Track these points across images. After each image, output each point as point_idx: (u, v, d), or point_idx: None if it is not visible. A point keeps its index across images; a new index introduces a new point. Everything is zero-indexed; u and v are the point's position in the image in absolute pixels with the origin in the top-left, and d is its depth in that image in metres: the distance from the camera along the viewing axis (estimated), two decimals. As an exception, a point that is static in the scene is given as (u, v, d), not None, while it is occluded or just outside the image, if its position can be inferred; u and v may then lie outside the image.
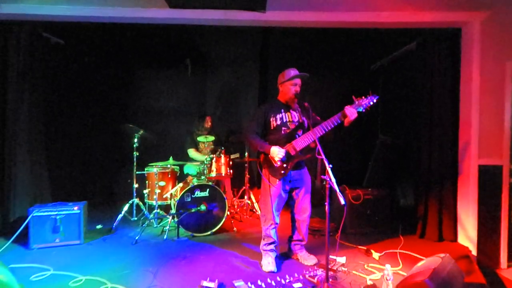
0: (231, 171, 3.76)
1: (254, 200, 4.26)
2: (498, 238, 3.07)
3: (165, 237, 3.28)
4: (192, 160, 4.25)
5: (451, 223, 3.28)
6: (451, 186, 3.30)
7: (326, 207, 2.07)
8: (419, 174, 3.51)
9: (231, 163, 3.79)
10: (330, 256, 2.53)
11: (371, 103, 2.34)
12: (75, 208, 3.11)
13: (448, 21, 3.14)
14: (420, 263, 2.13)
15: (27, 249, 2.95)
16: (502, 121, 3.06)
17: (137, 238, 3.19)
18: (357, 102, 2.36)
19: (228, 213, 3.64)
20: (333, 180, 2.01)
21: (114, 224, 3.57)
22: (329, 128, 2.36)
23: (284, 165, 2.48)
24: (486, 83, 3.09)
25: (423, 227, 3.39)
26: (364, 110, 2.36)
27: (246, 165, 4.27)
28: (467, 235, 3.17)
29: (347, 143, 4.99)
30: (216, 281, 2.24)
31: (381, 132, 4.63)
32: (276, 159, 2.45)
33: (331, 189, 2.04)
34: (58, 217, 3.04)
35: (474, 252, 3.06)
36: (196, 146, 4.26)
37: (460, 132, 3.28)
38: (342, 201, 1.94)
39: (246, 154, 4.23)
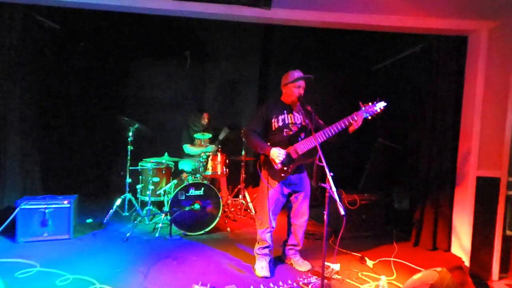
0: (227, 169, 3.70)
1: (248, 200, 4.21)
2: (491, 250, 3.07)
3: (157, 234, 3.22)
4: (187, 155, 4.17)
5: (445, 233, 3.27)
6: (448, 195, 3.28)
7: (325, 217, 2.02)
8: (417, 180, 3.49)
9: (227, 161, 3.73)
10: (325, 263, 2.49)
11: (379, 110, 2.28)
12: (65, 202, 3.02)
13: (456, 29, 3.08)
14: (416, 276, 2.11)
15: (13, 242, 2.86)
16: (503, 134, 3.03)
17: (128, 235, 3.12)
18: (364, 108, 2.29)
19: (224, 211, 3.58)
20: (334, 189, 1.96)
21: (105, 218, 3.49)
22: (333, 134, 2.31)
23: (285, 168, 2.42)
24: (489, 94, 3.05)
25: (417, 235, 3.38)
26: (370, 117, 2.29)
27: (242, 163, 4.20)
28: (461, 245, 3.17)
29: (344, 145, 4.95)
30: (208, 285, 2.19)
31: (379, 135, 4.59)
32: (277, 161, 2.38)
33: (331, 197, 1.99)
34: (47, 210, 2.95)
35: (467, 262, 3.07)
36: (192, 142, 4.18)
37: (460, 142, 3.25)
38: (342, 212, 1.89)
39: (243, 152, 4.15)
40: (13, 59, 3.16)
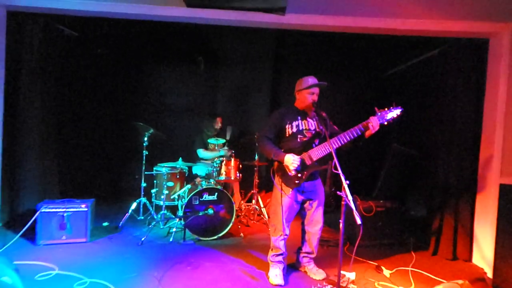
0: (240, 174, 3.70)
1: (262, 205, 4.19)
2: (516, 261, 2.94)
3: (171, 239, 3.24)
4: (201, 160, 4.20)
5: (466, 242, 3.15)
6: (468, 203, 3.16)
7: (341, 226, 1.98)
8: (435, 187, 3.38)
9: (240, 166, 3.73)
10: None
11: (395, 115, 2.23)
12: (83, 206, 3.09)
13: (476, 32, 2.99)
14: (436, 288, 2.03)
15: (34, 244, 2.95)
16: (527, 140, 2.92)
17: (143, 239, 3.16)
18: (379, 114, 2.24)
19: (237, 216, 3.58)
20: (350, 197, 1.92)
21: (121, 222, 3.55)
22: (348, 140, 2.27)
23: (299, 175, 2.39)
24: (512, 99, 2.94)
25: (436, 244, 3.27)
26: (386, 123, 2.24)
27: (255, 168, 4.19)
28: (483, 255, 3.05)
29: (358, 150, 4.86)
30: (222, 293, 2.18)
31: (395, 141, 4.49)
32: (291, 168, 2.36)
33: (346, 205, 1.95)
34: (65, 214, 3.02)
35: (489, 274, 2.94)
36: (205, 146, 4.20)
37: (482, 148, 3.13)
38: (359, 221, 1.85)
39: (256, 157, 4.15)
40: (34, 66, 3.28)
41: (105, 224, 3.65)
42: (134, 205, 3.70)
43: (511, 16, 2.86)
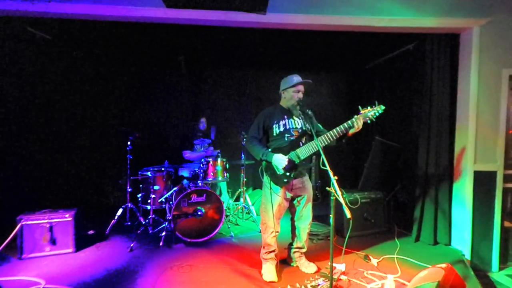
0: (227, 174, 3.70)
1: (250, 203, 4.21)
2: (491, 242, 3.16)
3: (160, 243, 3.21)
4: (186, 162, 4.16)
5: (445, 227, 3.33)
6: (446, 190, 3.34)
7: (331, 220, 2.04)
8: (416, 177, 3.54)
9: (227, 166, 3.73)
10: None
11: (377, 114, 2.31)
12: (67, 215, 2.99)
13: (447, 27, 3.14)
14: (422, 274, 2.15)
15: (16, 258, 2.82)
16: (498, 128, 3.12)
17: (132, 245, 3.10)
18: (362, 113, 2.32)
19: (226, 216, 3.58)
20: (339, 193, 1.98)
21: (107, 230, 3.46)
22: (334, 138, 2.33)
23: (287, 173, 2.44)
24: (483, 89, 3.12)
25: (418, 230, 3.44)
26: (369, 121, 2.32)
27: (242, 167, 4.20)
28: (461, 238, 3.23)
29: (342, 147, 5.00)
30: (218, 294, 2.20)
31: (377, 134, 4.64)
32: (280, 167, 2.40)
33: (337, 201, 2.01)
34: (48, 225, 2.91)
35: (467, 255, 3.13)
36: (191, 148, 4.16)
37: (457, 138, 3.31)
38: (348, 215, 1.91)
39: (243, 156, 4.16)
40: (7, 71, 3.12)
41: (91, 232, 3.55)
42: (120, 211, 3.62)
43: (479, 12, 3.04)
